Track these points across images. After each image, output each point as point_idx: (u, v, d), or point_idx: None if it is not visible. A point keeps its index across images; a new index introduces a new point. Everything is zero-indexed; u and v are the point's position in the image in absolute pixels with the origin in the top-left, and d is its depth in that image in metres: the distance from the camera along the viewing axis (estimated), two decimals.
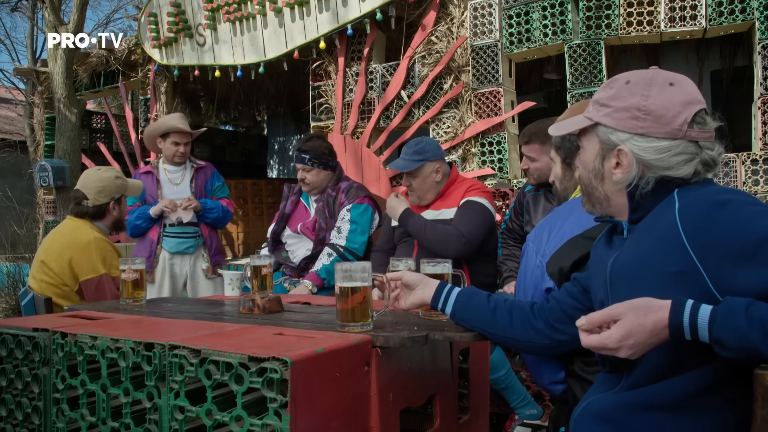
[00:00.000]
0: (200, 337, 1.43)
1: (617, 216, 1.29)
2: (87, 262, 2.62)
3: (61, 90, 6.03)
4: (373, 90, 4.49)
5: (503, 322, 1.45)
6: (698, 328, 1.02)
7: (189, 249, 3.76)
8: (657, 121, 1.17)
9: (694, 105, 1.18)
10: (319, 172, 3.11)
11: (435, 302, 1.54)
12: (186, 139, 3.75)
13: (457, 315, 1.51)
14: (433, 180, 2.87)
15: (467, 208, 2.79)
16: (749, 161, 3.30)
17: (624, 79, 1.24)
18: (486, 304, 1.48)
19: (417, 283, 1.56)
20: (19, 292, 5.42)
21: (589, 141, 1.29)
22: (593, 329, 1.10)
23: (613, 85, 1.24)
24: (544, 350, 1.45)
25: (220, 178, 3.98)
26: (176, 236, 3.72)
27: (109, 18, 19.43)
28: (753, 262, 1.03)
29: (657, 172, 1.18)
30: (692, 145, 1.17)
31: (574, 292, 1.41)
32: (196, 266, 3.80)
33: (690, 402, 1.10)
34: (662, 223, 1.15)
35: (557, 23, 3.80)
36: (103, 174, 2.80)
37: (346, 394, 1.36)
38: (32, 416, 1.59)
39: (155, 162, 3.88)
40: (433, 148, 2.87)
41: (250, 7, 4.86)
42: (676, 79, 1.21)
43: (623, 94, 1.21)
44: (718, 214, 1.08)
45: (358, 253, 3.00)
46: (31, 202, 7.71)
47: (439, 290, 1.54)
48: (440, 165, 2.87)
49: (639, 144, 1.18)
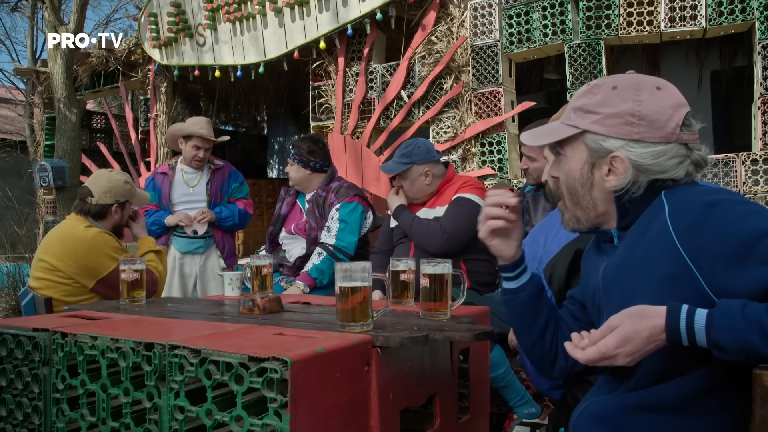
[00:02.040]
0: (200, 337, 1.43)
1: (604, 224, 1.26)
2: (101, 258, 2.64)
3: (61, 90, 6.03)
4: (373, 90, 4.50)
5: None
6: (695, 333, 1.02)
7: (199, 249, 3.76)
8: (651, 126, 1.16)
9: (683, 108, 1.18)
10: (299, 169, 3.18)
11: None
12: (207, 145, 3.73)
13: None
14: (422, 182, 2.88)
15: (455, 205, 2.80)
16: (749, 161, 3.31)
17: (608, 84, 1.21)
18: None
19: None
20: (19, 292, 5.41)
21: (573, 149, 1.24)
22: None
23: (596, 91, 1.21)
24: (557, 372, 1.42)
25: (239, 177, 3.93)
26: (186, 236, 3.72)
27: (109, 18, 19.43)
28: (746, 261, 1.03)
29: (650, 176, 1.17)
30: (683, 148, 1.18)
31: (574, 311, 1.40)
32: (206, 266, 3.79)
33: (689, 403, 1.10)
34: (653, 227, 1.14)
35: (557, 23, 3.80)
36: (114, 176, 2.84)
37: (346, 394, 1.36)
38: (32, 416, 1.60)
39: (173, 162, 3.86)
40: (421, 151, 2.87)
41: (250, 7, 4.86)
42: (661, 83, 1.20)
43: (612, 100, 1.18)
44: (709, 215, 1.08)
45: (348, 252, 3.01)
46: (31, 202, 7.71)
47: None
48: (429, 168, 2.87)
49: (635, 150, 1.16)
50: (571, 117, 1.23)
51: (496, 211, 1.29)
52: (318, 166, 3.19)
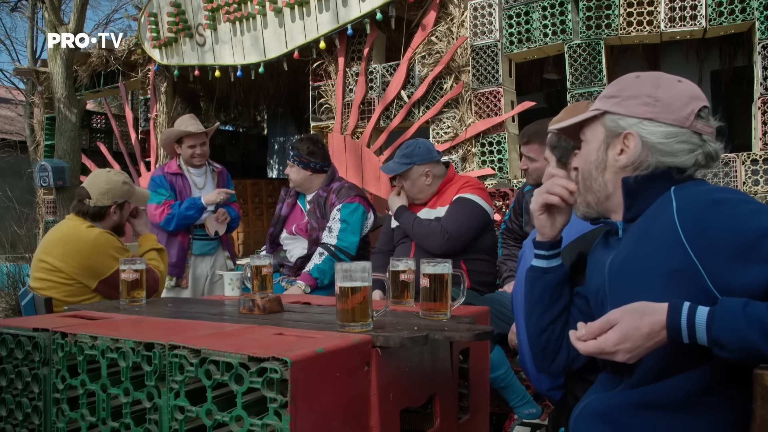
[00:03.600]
0: (200, 337, 1.43)
1: (612, 213, 1.30)
2: (104, 258, 2.63)
3: (61, 90, 6.02)
4: (373, 90, 4.50)
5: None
6: (696, 330, 1.02)
7: (211, 250, 3.80)
8: (666, 107, 1.22)
9: (700, 100, 1.24)
10: (299, 170, 3.18)
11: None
12: (201, 140, 3.70)
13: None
14: (423, 183, 2.89)
15: (456, 205, 2.81)
16: (749, 161, 3.31)
17: (633, 75, 1.29)
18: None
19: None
20: (19, 292, 5.41)
21: (593, 132, 1.31)
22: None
23: (619, 81, 1.30)
24: (556, 367, 1.43)
25: (231, 183, 3.97)
26: (201, 239, 3.75)
27: (109, 18, 19.45)
28: (749, 259, 1.03)
29: (658, 157, 1.21)
30: (696, 137, 1.22)
31: (581, 306, 1.40)
32: (216, 267, 3.84)
33: (689, 401, 1.10)
34: (660, 223, 1.15)
35: (557, 23, 3.80)
36: (112, 176, 2.80)
37: (346, 394, 1.36)
38: (32, 416, 1.59)
39: (179, 162, 3.82)
40: (422, 152, 2.87)
41: (250, 7, 4.86)
42: (683, 79, 1.28)
43: (632, 86, 1.26)
44: (715, 213, 1.09)
45: (349, 252, 3.02)
46: (31, 202, 7.71)
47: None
48: (430, 168, 2.87)
49: (647, 128, 1.22)
50: (596, 104, 1.31)
51: (557, 188, 1.33)
52: (318, 166, 3.20)
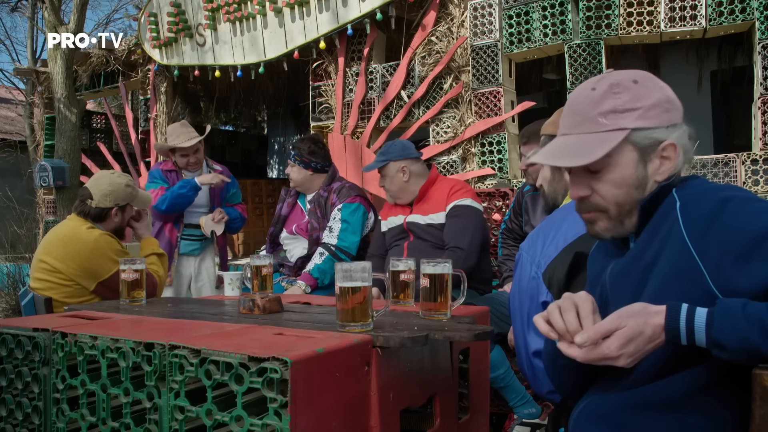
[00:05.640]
0: (200, 337, 1.43)
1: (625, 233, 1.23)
2: (103, 261, 2.63)
3: (61, 90, 6.02)
4: (373, 90, 4.50)
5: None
6: (695, 332, 1.02)
7: (195, 251, 3.77)
8: (678, 109, 1.20)
9: None
10: (300, 170, 3.19)
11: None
12: (193, 149, 3.69)
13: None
14: (400, 179, 2.89)
15: (457, 217, 2.76)
16: (749, 161, 3.31)
17: (629, 79, 1.18)
18: None
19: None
20: (19, 292, 5.42)
21: (621, 155, 1.16)
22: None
23: (618, 90, 1.17)
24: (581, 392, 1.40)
25: (235, 183, 3.93)
26: (186, 238, 3.73)
27: (109, 18, 19.43)
28: (752, 258, 1.03)
29: (687, 156, 1.19)
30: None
31: None
32: (201, 268, 3.80)
33: (687, 401, 1.10)
34: (665, 225, 1.14)
35: (557, 23, 3.80)
36: (115, 179, 2.80)
37: (346, 394, 1.36)
38: (32, 416, 1.60)
39: (173, 160, 3.82)
40: (397, 149, 2.91)
41: (250, 7, 4.86)
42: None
43: (643, 92, 1.17)
44: (719, 211, 1.08)
45: (350, 252, 3.02)
46: (31, 202, 7.71)
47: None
48: (406, 165, 2.88)
49: (675, 134, 1.18)
50: (604, 122, 1.16)
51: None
52: (319, 166, 3.20)
